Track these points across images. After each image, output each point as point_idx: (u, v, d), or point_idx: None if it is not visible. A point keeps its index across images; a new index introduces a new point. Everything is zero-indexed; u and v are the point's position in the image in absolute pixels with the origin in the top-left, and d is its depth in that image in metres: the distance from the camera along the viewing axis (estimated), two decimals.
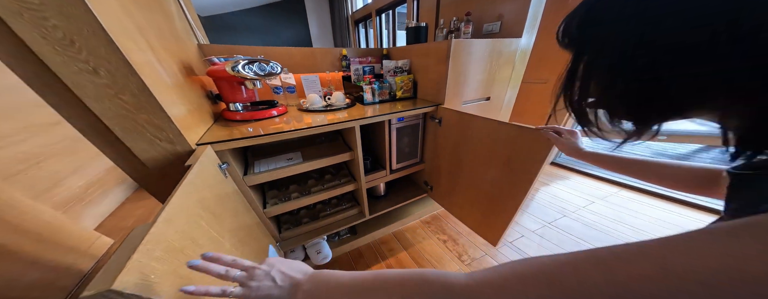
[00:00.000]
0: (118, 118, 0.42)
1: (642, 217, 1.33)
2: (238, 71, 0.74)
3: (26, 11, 0.31)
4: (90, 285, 0.22)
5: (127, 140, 0.45)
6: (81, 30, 0.35)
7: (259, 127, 0.75)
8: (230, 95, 0.86)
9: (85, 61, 0.36)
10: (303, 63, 1.26)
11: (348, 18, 3.72)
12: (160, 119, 0.47)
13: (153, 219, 0.30)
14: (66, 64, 0.35)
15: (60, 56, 0.35)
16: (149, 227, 0.29)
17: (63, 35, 0.34)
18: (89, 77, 0.38)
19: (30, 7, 0.31)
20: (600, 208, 1.42)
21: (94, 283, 0.22)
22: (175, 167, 0.53)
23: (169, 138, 0.49)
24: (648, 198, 1.49)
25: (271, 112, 0.92)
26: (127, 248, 0.26)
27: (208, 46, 1.00)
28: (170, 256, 0.30)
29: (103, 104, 0.40)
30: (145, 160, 0.49)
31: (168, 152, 0.51)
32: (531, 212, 1.41)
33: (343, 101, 1.05)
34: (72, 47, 0.35)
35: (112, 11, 0.39)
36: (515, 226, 1.31)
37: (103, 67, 0.38)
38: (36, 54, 0.34)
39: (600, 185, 1.66)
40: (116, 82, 0.40)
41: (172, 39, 0.67)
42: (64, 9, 0.33)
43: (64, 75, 0.36)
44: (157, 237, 0.29)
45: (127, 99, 0.42)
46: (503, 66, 1.06)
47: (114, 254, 0.26)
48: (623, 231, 1.24)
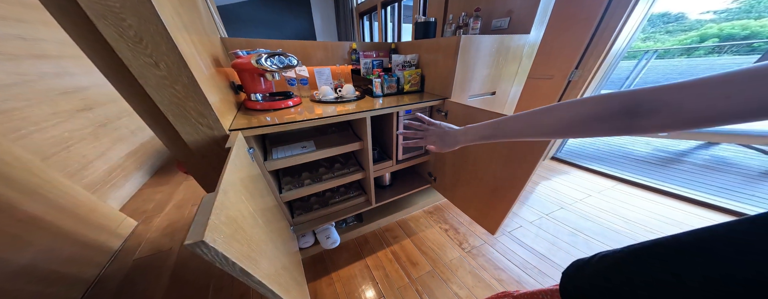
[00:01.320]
0: (171, 105, 0.48)
1: (636, 210, 1.40)
2: (262, 64, 0.79)
3: (110, 14, 0.37)
4: (188, 235, 0.28)
5: (176, 124, 0.51)
6: (148, 28, 0.40)
7: (276, 116, 0.81)
8: (251, 86, 0.91)
9: (149, 56, 0.42)
10: (315, 56, 1.30)
11: (352, 10, 3.67)
12: (203, 107, 0.53)
13: (216, 190, 0.37)
14: (135, 58, 0.41)
15: (131, 51, 0.41)
16: (215, 196, 0.36)
17: (135, 33, 0.40)
18: (152, 70, 0.44)
19: (112, 10, 0.37)
20: (596, 201, 1.49)
21: (190, 235, 0.28)
22: (212, 149, 0.60)
23: (209, 124, 0.56)
24: (644, 192, 1.55)
25: (287, 102, 0.97)
26: (204, 211, 0.33)
27: (229, 39, 1.05)
28: (230, 222, 0.37)
29: (160, 93, 0.46)
30: (188, 142, 0.55)
31: (207, 137, 0.57)
32: (530, 204, 1.48)
33: (353, 93, 1.09)
34: (140, 44, 0.41)
35: (168, 11, 0.44)
36: (514, 217, 1.38)
37: (163, 61, 0.44)
38: (114, 49, 0.39)
39: (598, 179, 1.72)
40: (172, 73, 0.46)
41: (204, 34, 0.72)
42: (138, 10, 0.38)
43: (133, 68, 0.42)
44: (221, 204, 0.35)
45: (179, 89, 0.48)
46: (510, 62, 1.10)
47: (195, 215, 0.32)
48: (616, 223, 1.31)
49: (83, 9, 0.36)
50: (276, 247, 0.59)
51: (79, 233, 0.98)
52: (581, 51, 1.43)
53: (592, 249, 1.17)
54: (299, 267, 0.88)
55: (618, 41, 1.34)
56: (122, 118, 1.63)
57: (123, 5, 0.38)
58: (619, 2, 1.24)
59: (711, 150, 2.09)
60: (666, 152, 2.10)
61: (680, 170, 1.80)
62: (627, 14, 1.24)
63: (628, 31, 1.33)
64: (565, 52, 1.50)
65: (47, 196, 0.89)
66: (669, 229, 1.26)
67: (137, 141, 1.72)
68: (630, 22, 1.28)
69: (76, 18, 0.37)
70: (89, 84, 1.43)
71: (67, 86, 1.28)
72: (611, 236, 1.23)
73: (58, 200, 0.93)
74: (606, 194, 1.55)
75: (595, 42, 1.38)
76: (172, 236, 1.26)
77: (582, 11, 1.37)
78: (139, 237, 1.24)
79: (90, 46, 0.39)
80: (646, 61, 2.82)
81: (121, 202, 1.46)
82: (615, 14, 1.27)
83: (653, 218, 1.33)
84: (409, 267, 1.08)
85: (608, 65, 1.46)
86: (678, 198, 1.46)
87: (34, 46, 1.16)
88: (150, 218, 1.38)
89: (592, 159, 2.00)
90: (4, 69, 1.01)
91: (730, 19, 14.09)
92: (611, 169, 1.80)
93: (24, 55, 1.10)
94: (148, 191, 1.62)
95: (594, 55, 1.41)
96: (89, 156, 1.29)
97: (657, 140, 2.25)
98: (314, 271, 1.07)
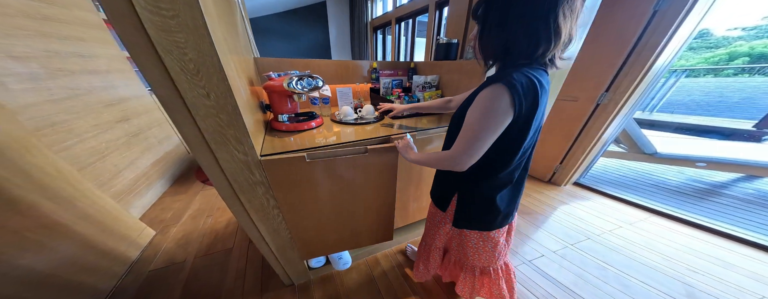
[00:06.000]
0: (214, 133, 0.50)
1: (674, 245, 1.28)
2: (293, 87, 0.83)
3: (175, 48, 0.40)
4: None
5: (217, 151, 0.53)
6: (205, 61, 0.43)
7: (300, 138, 0.82)
8: (279, 106, 0.94)
9: (202, 87, 0.45)
10: (337, 74, 1.35)
11: (367, 24, 3.84)
12: (241, 134, 0.54)
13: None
14: (191, 89, 0.44)
15: (188, 83, 0.43)
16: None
17: (194, 66, 0.42)
18: (202, 100, 0.46)
19: (178, 45, 0.40)
20: (627, 233, 1.38)
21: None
22: (243, 174, 0.61)
23: (244, 150, 0.57)
24: (681, 226, 1.43)
25: (310, 124, 0.99)
26: None
27: (261, 59, 1.11)
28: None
29: (206, 122, 0.48)
30: (224, 168, 0.56)
31: (241, 163, 0.59)
32: (552, 232, 1.39)
33: (372, 113, 1.10)
34: (197, 76, 0.43)
35: (219, 40, 0.48)
36: (533, 244, 1.30)
37: (213, 91, 0.46)
38: (173, 81, 0.42)
39: (627, 209, 1.61)
40: (219, 103, 0.48)
41: (242, 57, 0.77)
42: (198, 45, 0.41)
43: (187, 98, 0.44)
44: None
45: (223, 117, 0.50)
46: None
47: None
48: (653, 258, 1.20)
49: (154, 44, 0.39)
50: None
51: (102, 242, 1.00)
52: (613, 71, 1.37)
53: (624, 284, 1.06)
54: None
55: (660, 59, 1.26)
56: (152, 128, 1.73)
57: (187, 40, 0.41)
58: (664, 16, 1.17)
59: (755, 183, 1.93)
60: (702, 183, 1.95)
61: (721, 204, 1.66)
62: (674, 29, 1.16)
63: (672, 48, 1.24)
64: (593, 73, 1.44)
65: (79, 206, 0.92)
66: (716, 270, 1.13)
67: (162, 150, 1.80)
68: (676, 38, 1.19)
69: (147, 52, 0.40)
70: (130, 95, 1.54)
71: (112, 98, 1.39)
72: (647, 273, 1.12)
73: (88, 210, 0.96)
74: (638, 226, 1.44)
75: (631, 62, 1.31)
76: (186, 247, 1.27)
77: (616, 29, 1.30)
78: (155, 248, 1.25)
79: (156, 79, 0.42)
80: (675, 79, 2.72)
81: (142, 210, 1.49)
82: (658, 30, 1.20)
83: (696, 257, 1.20)
84: (422, 293, 1.02)
85: (646, 86, 1.38)
86: (721, 235, 1.33)
87: (89, 62, 1.27)
88: (167, 228, 1.40)
89: (619, 186, 1.89)
90: (62, 84, 1.11)
91: (761, 36, 13.76)
92: (642, 199, 1.67)
93: (79, 70, 1.21)
94: (167, 199, 1.67)
95: (630, 75, 1.33)
96: (120, 166, 1.35)
97: (691, 169, 2.09)
98: (323, 292, 1.03)
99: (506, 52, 0.46)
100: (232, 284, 1.06)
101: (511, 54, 0.46)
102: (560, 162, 1.82)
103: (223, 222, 1.45)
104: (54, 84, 1.07)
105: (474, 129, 0.46)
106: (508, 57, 0.47)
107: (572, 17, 0.41)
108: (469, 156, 0.48)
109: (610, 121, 1.50)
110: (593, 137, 1.59)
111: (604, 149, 1.73)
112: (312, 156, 0.69)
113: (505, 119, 0.44)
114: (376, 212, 0.95)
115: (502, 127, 0.45)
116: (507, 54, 0.47)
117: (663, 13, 1.18)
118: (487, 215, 0.64)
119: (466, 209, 0.65)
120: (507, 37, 0.44)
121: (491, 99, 0.44)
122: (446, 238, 0.80)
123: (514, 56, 0.46)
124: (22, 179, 0.75)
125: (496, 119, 0.44)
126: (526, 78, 0.43)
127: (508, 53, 0.47)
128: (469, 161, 0.49)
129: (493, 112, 0.44)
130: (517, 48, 0.45)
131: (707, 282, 1.07)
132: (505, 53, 0.47)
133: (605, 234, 1.37)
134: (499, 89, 0.43)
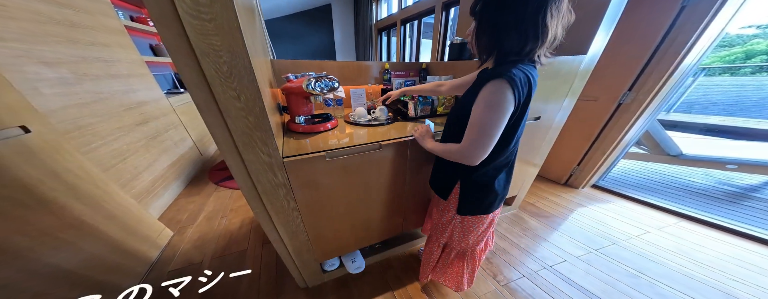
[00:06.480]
0: (243, 135, 0.50)
1: (709, 252, 1.21)
2: (311, 89, 0.83)
3: (212, 51, 0.40)
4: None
5: (244, 152, 0.53)
6: (237, 64, 0.43)
7: (317, 139, 0.82)
8: (296, 108, 0.94)
9: (234, 89, 0.45)
10: (350, 76, 1.35)
11: (372, 27, 3.85)
12: (267, 135, 0.54)
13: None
14: (224, 91, 0.44)
15: (221, 86, 0.43)
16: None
17: (227, 69, 0.42)
18: (233, 102, 0.46)
19: (214, 48, 0.40)
20: (656, 238, 1.31)
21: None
22: (266, 175, 0.60)
23: (269, 152, 0.57)
24: (713, 232, 1.35)
25: (326, 125, 0.99)
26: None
27: (278, 62, 1.12)
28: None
29: (236, 123, 0.48)
30: (250, 170, 0.56)
31: (265, 164, 0.58)
32: (572, 236, 1.34)
33: (386, 115, 1.09)
34: (229, 78, 0.43)
35: (249, 45, 0.48)
36: (552, 247, 1.26)
37: (244, 94, 0.46)
38: (209, 84, 0.42)
39: (654, 213, 1.53)
40: (248, 105, 0.48)
41: (263, 60, 0.77)
42: (232, 47, 0.41)
43: (220, 100, 0.44)
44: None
45: (252, 119, 0.50)
46: (560, 85, 1.02)
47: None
48: (687, 266, 1.13)
49: (193, 48, 0.39)
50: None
51: (126, 242, 1.02)
52: (637, 70, 1.32)
53: (660, 294, 1.00)
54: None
55: (688, 57, 1.20)
56: (169, 130, 1.77)
57: (222, 43, 0.41)
58: (694, 12, 1.11)
59: None
60: (733, 187, 1.84)
61: (756, 209, 1.56)
62: (704, 25, 1.10)
63: (701, 45, 1.18)
64: (614, 72, 1.38)
65: (106, 207, 0.95)
66: (758, 279, 1.06)
67: (179, 152, 1.84)
68: (706, 35, 1.13)
69: (187, 56, 0.40)
70: (148, 99, 1.59)
71: (132, 102, 1.43)
72: (683, 281, 1.06)
73: (114, 211, 0.98)
74: (668, 231, 1.37)
75: (657, 60, 1.25)
76: (202, 249, 1.28)
77: (640, 25, 1.24)
78: (173, 248, 1.27)
79: (194, 82, 0.42)
80: (692, 79, 2.60)
81: (159, 211, 1.53)
82: (686, 26, 1.14)
83: (734, 265, 1.13)
84: (438, 297, 0.99)
85: (672, 85, 1.32)
86: (760, 242, 1.25)
87: (111, 67, 1.32)
88: (184, 229, 1.42)
89: (642, 189, 1.81)
90: (88, 89, 1.15)
91: None
92: (669, 202, 1.59)
93: (103, 75, 1.26)
94: (182, 201, 1.70)
95: (655, 74, 1.27)
96: (139, 167, 1.39)
97: (719, 171, 1.98)
98: (337, 296, 1.02)
99: (500, 48, 0.50)
100: (248, 286, 1.06)
101: (503, 50, 0.50)
102: (578, 164, 1.75)
103: (237, 224, 1.47)
104: (81, 88, 1.11)
105: (484, 124, 0.50)
106: (500, 53, 0.51)
107: (558, 17, 0.45)
108: (482, 150, 0.52)
109: (634, 121, 1.44)
110: (614, 138, 1.52)
111: (625, 151, 1.66)
112: (332, 155, 0.70)
113: (509, 111, 0.49)
114: (389, 204, 0.96)
115: (507, 118, 0.50)
116: (500, 50, 0.51)
117: (693, 9, 1.13)
118: (486, 199, 0.68)
119: (469, 196, 0.68)
120: (500, 34, 0.48)
121: (496, 94, 0.48)
122: (449, 227, 0.81)
123: (505, 52, 0.50)
124: (53, 181, 0.77)
125: (503, 113, 0.48)
126: (521, 73, 0.48)
127: (501, 49, 0.50)
128: (481, 155, 0.52)
129: (499, 106, 0.48)
130: (508, 44, 0.49)
131: (749, 291, 1.01)
132: (499, 49, 0.51)
133: (632, 240, 1.31)
134: (501, 84, 0.47)
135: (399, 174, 0.89)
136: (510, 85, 0.46)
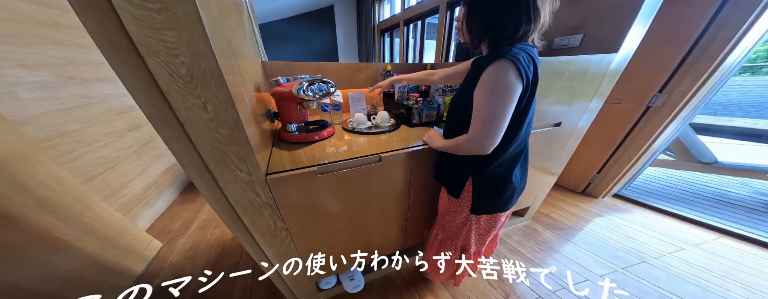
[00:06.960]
0: (213, 151, 0.41)
1: (757, 274, 1.06)
2: (302, 94, 0.73)
3: (163, 49, 0.32)
4: None
5: (215, 171, 0.44)
6: (200, 65, 0.34)
7: (311, 150, 0.73)
8: (288, 115, 0.85)
9: (198, 97, 0.36)
10: (348, 78, 1.26)
11: (374, 27, 3.79)
12: (244, 151, 0.45)
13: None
14: (183, 100, 0.35)
15: (179, 93, 0.34)
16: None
17: (186, 71, 0.34)
18: (198, 112, 0.37)
19: (167, 45, 0.32)
20: (693, 257, 1.17)
21: None
22: (247, 196, 0.51)
23: (248, 170, 0.48)
24: (758, 250, 1.19)
25: (322, 134, 0.90)
26: None
27: (270, 63, 1.04)
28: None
29: (203, 138, 0.39)
30: (225, 191, 0.47)
31: (243, 183, 0.49)
32: (593, 252, 1.21)
33: (388, 121, 0.99)
34: (190, 83, 0.34)
35: (220, 44, 0.39)
36: (571, 264, 1.14)
37: (211, 102, 0.37)
38: (162, 91, 0.33)
39: (687, 227, 1.38)
40: (218, 116, 0.39)
41: (249, 61, 0.69)
42: (192, 44, 0.33)
43: (179, 111, 0.35)
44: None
45: (223, 132, 0.41)
46: (586, 86, 0.91)
47: None
48: (732, 290, 0.99)
49: (136, 45, 0.30)
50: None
51: (105, 258, 0.94)
52: (669, 70, 1.18)
53: None
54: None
55: (732, 55, 1.06)
56: None
57: (178, 39, 0.32)
58: (740, 5, 0.98)
59: None
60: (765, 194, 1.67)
61: None
62: (753, 19, 0.97)
63: (747, 42, 1.04)
64: (641, 72, 1.24)
65: (83, 221, 0.88)
66: None
67: (172, 159, 1.77)
68: (755, 29, 1.00)
69: (127, 56, 0.31)
70: None
71: (124, 106, 1.37)
72: None
73: (93, 224, 0.91)
74: (706, 248, 1.22)
75: (693, 58, 1.12)
76: (194, 260, 1.20)
77: (672, 21, 1.11)
78: (162, 260, 1.20)
79: (140, 88, 0.33)
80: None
81: (151, 220, 1.46)
82: (730, 21, 1.01)
83: None
84: None
85: (712, 86, 1.18)
86: None
87: (101, 69, 1.26)
88: (174, 240, 1.35)
89: (669, 199, 1.65)
90: (74, 92, 1.09)
91: None
92: (704, 216, 1.43)
93: (92, 78, 1.20)
94: (176, 208, 1.63)
95: (692, 73, 1.14)
96: (130, 175, 1.32)
97: (756, 180, 1.80)
98: None
99: (492, 32, 0.49)
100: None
101: (496, 34, 0.48)
102: (598, 172, 1.62)
103: (231, 234, 1.38)
104: (66, 92, 1.05)
105: (490, 108, 0.47)
106: (493, 38, 0.49)
107: (548, 0, 0.45)
108: (492, 136, 0.48)
109: (665, 126, 1.30)
110: (642, 144, 1.38)
111: (653, 158, 1.51)
112: (323, 170, 0.60)
113: (517, 91, 0.45)
114: (390, 220, 0.87)
115: (516, 99, 0.46)
116: (493, 34, 0.49)
117: (738, 1, 1.00)
118: (504, 195, 0.63)
119: (484, 191, 0.63)
120: (492, 18, 0.47)
121: (499, 74, 0.45)
122: (464, 230, 0.74)
123: (498, 37, 0.48)
124: (21, 195, 0.70)
125: (509, 93, 0.45)
126: (521, 51, 0.46)
127: (493, 34, 0.49)
128: (493, 141, 0.49)
129: (504, 86, 0.45)
130: (501, 28, 0.47)
131: None
132: (491, 34, 0.49)
133: (664, 257, 1.17)
134: (504, 64, 0.44)
135: (402, 188, 0.80)
136: (513, 63, 0.44)
